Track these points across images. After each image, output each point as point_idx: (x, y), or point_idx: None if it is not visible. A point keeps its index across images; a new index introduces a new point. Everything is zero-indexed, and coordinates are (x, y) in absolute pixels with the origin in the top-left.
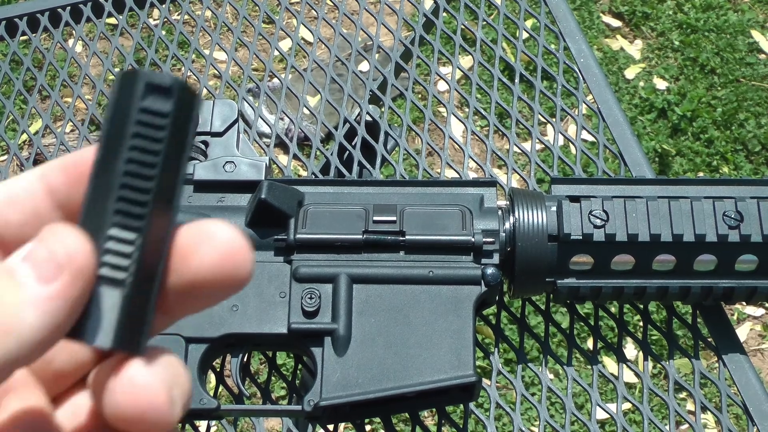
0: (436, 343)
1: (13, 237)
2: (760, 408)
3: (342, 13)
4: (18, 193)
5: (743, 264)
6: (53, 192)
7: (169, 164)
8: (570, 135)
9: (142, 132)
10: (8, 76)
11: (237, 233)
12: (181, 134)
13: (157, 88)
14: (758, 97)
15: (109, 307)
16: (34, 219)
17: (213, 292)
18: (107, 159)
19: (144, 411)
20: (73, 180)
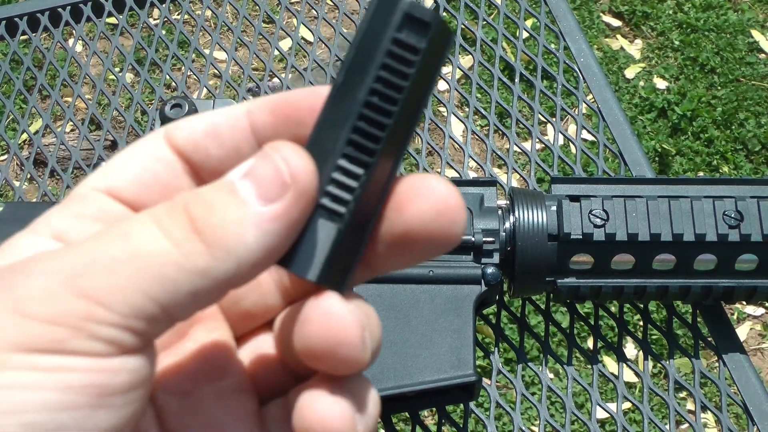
0: (436, 343)
1: (210, 170)
2: (760, 407)
3: (342, 12)
4: (221, 125)
5: (743, 263)
6: (257, 130)
7: (409, 105)
8: (570, 134)
9: (391, 65)
10: (8, 75)
11: (454, 190)
12: (427, 75)
13: (414, 21)
14: (758, 96)
15: (322, 240)
16: (234, 155)
17: (422, 247)
18: (348, 85)
19: (337, 344)
20: (280, 120)
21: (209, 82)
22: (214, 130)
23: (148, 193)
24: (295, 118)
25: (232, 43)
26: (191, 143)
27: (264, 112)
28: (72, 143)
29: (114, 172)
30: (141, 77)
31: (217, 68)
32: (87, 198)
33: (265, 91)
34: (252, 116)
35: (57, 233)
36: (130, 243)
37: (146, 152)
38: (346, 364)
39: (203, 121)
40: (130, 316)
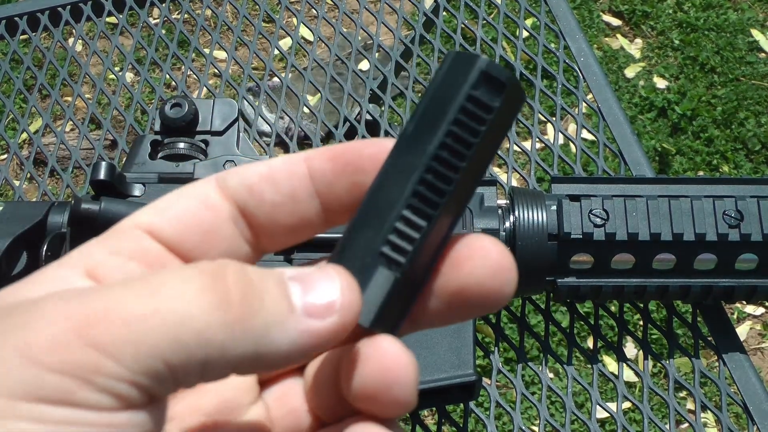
0: (436, 343)
1: (265, 216)
2: (760, 407)
3: (342, 12)
4: (278, 170)
5: (743, 263)
6: (315, 176)
7: (475, 162)
8: (570, 134)
9: (463, 121)
10: (8, 75)
11: (508, 252)
12: (497, 134)
13: (490, 80)
14: (758, 95)
15: (378, 287)
16: (290, 201)
17: (474, 304)
18: (419, 137)
19: (394, 383)
20: (339, 168)
21: (209, 81)
22: (271, 174)
23: (189, 236)
24: (356, 166)
25: (232, 42)
26: (245, 187)
27: (323, 159)
28: (72, 143)
29: (157, 211)
30: (141, 77)
31: (217, 68)
32: (126, 234)
33: (265, 91)
34: (310, 162)
35: (90, 267)
36: (155, 299)
37: (194, 195)
38: (396, 405)
39: (260, 166)
40: (138, 373)
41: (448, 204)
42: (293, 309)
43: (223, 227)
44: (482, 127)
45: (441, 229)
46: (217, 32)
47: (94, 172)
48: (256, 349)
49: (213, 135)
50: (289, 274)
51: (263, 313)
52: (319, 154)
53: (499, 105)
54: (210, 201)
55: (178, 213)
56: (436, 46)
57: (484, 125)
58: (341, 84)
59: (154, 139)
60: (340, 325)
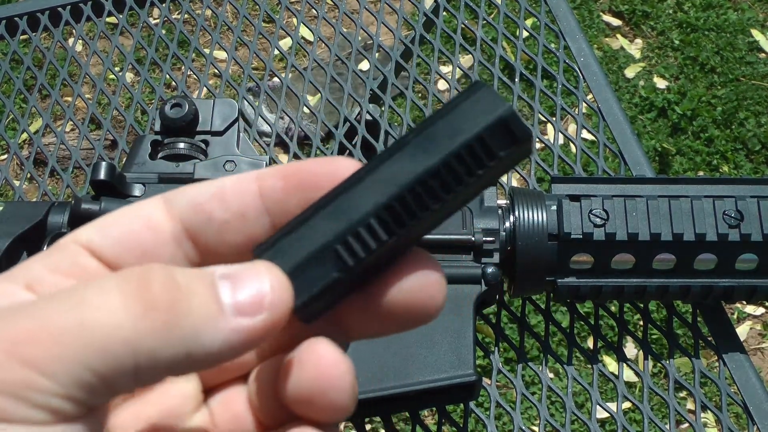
0: (436, 343)
1: (213, 235)
2: (760, 407)
3: (342, 12)
4: (228, 188)
5: (743, 263)
6: (266, 194)
7: (458, 197)
8: (570, 134)
9: (464, 157)
10: (8, 75)
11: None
12: (489, 179)
13: (507, 131)
14: (758, 96)
15: (317, 278)
16: (239, 219)
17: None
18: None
19: (331, 388)
20: (291, 186)
21: (209, 81)
22: (220, 193)
23: (127, 255)
24: (309, 184)
25: (232, 42)
26: (192, 207)
27: (275, 177)
28: (72, 143)
29: (98, 229)
30: (141, 77)
31: (217, 68)
32: (66, 250)
33: (265, 91)
34: (261, 181)
35: (29, 282)
36: (82, 312)
37: (137, 214)
38: (333, 410)
39: (210, 185)
40: (71, 386)
41: (415, 228)
42: (222, 309)
43: (163, 248)
44: (479, 170)
45: (397, 247)
46: (217, 32)
47: (94, 172)
48: (188, 352)
49: (213, 135)
50: (220, 273)
51: (191, 317)
52: (270, 173)
53: (505, 156)
54: (153, 221)
55: (118, 232)
56: (436, 46)
57: (482, 169)
58: (341, 84)
59: (154, 139)
60: (270, 322)
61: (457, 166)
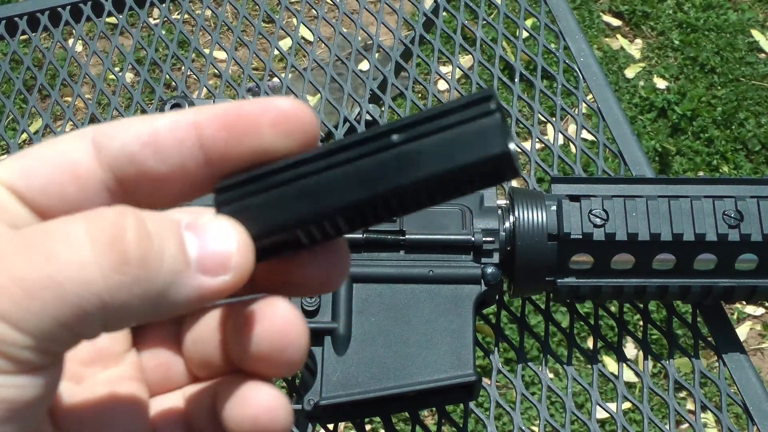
0: (436, 343)
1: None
2: (760, 407)
3: (342, 12)
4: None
5: (743, 263)
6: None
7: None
8: (570, 134)
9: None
10: (8, 75)
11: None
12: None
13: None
14: (758, 96)
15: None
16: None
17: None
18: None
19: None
20: (233, 135)
21: (209, 81)
22: (155, 142)
23: (56, 205)
24: (253, 134)
25: (232, 42)
26: (126, 156)
27: (215, 126)
28: None
29: (22, 175)
30: (141, 77)
31: (217, 68)
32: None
33: (265, 91)
34: (201, 129)
35: None
36: (53, 266)
37: (63, 160)
38: (288, 367)
39: (141, 131)
40: (41, 339)
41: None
42: (188, 264)
43: (94, 198)
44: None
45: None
46: (217, 32)
47: None
48: (155, 305)
49: None
50: (186, 222)
51: (162, 272)
52: (209, 119)
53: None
54: (80, 170)
55: (43, 181)
56: (436, 47)
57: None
58: (341, 84)
59: None
60: (231, 284)
61: (437, 187)
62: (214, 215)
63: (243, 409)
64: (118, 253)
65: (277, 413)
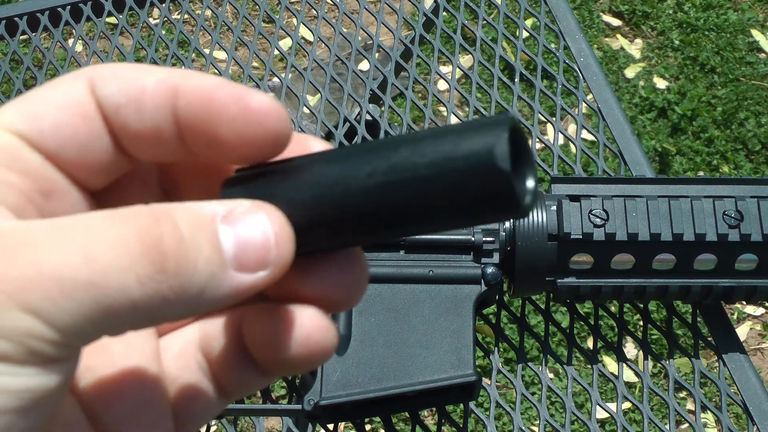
0: (436, 343)
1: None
2: (760, 407)
3: (342, 12)
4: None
5: (743, 263)
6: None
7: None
8: (570, 134)
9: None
10: (8, 75)
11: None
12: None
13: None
14: (758, 96)
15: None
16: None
17: None
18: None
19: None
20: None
21: None
22: (137, 98)
23: (68, 149)
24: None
25: (232, 42)
26: (113, 106)
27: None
28: None
29: (29, 120)
30: None
31: (217, 68)
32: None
33: (265, 91)
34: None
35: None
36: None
37: (69, 99)
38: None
39: (129, 82)
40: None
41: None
42: (225, 264)
43: (99, 140)
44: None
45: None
46: (217, 32)
47: None
48: (188, 308)
49: None
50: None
51: (197, 277)
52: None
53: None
54: (85, 110)
55: (52, 124)
56: (436, 47)
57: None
58: (341, 84)
59: None
60: (269, 279)
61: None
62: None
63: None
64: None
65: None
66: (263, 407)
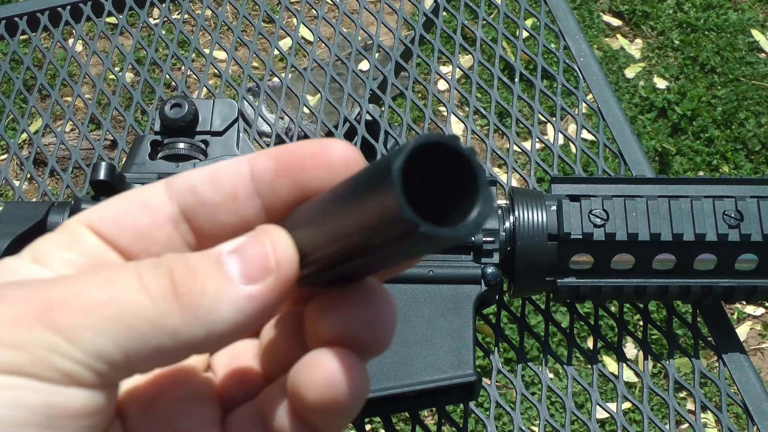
0: (436, 343)
1: (206, 216)
2: (760, 407)
3: (342, 12)
4: (221, 170)
5: (743, 263)
6: (257, 177)
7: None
8: (570, 134)
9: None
10: (8, 75)
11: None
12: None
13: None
14: (758, 96)
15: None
16: (231, 200)
17: None
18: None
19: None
20: (281, 167)
21: (209, 81)
22: (214, 175)
23: (126, 234)
24: (297, 165)
25: (232, 42)
26: (188, 188)
27: (265, 159)
28: (72, 143)
29: (98, 210)
30: (141, 77)
31: (217, 68)
32: (69, 228)
33: (265, 91)
34: (253, 163)
35: (35, 257)
36: (110, 289)
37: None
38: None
39: (206, 168)
40: (92, 356)
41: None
42: (231, 280)
43: (160, 229)
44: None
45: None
46: (217, 32)
47: (93, 173)
48: (208, 329)
49: (213, 135)
50: (228, 249)
51: (206, 295)
52: (262, 154)
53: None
54: (150, 203)
55: (115, 212)
56: (436, 47)
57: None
58: (341, 84)
59: (154, 140)
60: (280, 281)
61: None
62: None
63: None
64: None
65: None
66: None
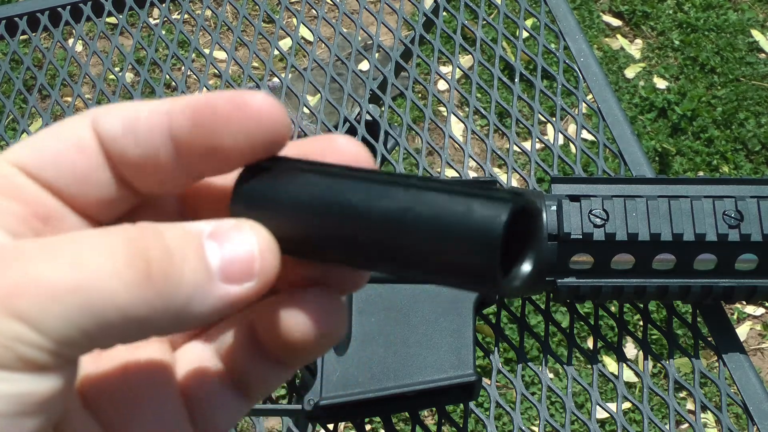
0: (436, 343)
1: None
2: (760, 407)
3: (342, 12)
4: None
5: (743, 263)
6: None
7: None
8: (570, 134)
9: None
10: (8, 75)
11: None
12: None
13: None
14: (758, 96)
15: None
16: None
17: None
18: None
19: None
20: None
21: (209, 81)
22: (133, 126)
23: (65, 179)
24: (212, 127)
25: (232, 42)
26: (112, 137)
27: (184, 116)
28: None
29: (31, 152)
30: (141, 77)
31: (217, 68)
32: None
33: (265, 91)
34: (172, 117)
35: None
36: (79, 272)
37: (69, 136)
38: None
39: (126, 115)
40: (58, 343)
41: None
42: (211, 275)
43: (98, 170)
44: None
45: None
46: (217, 32)
47: None
48: (177, 318)
49: None
50: (208, 231)
51: (183, 286)
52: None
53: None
54: (84, 144)
55: (51, 155)
56: (436, 47)
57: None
58: (341, 84)
59: None
60: (257, 289)
61: None
62: (236, 221)
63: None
64: (140, 270)
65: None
66: (263, 407)
